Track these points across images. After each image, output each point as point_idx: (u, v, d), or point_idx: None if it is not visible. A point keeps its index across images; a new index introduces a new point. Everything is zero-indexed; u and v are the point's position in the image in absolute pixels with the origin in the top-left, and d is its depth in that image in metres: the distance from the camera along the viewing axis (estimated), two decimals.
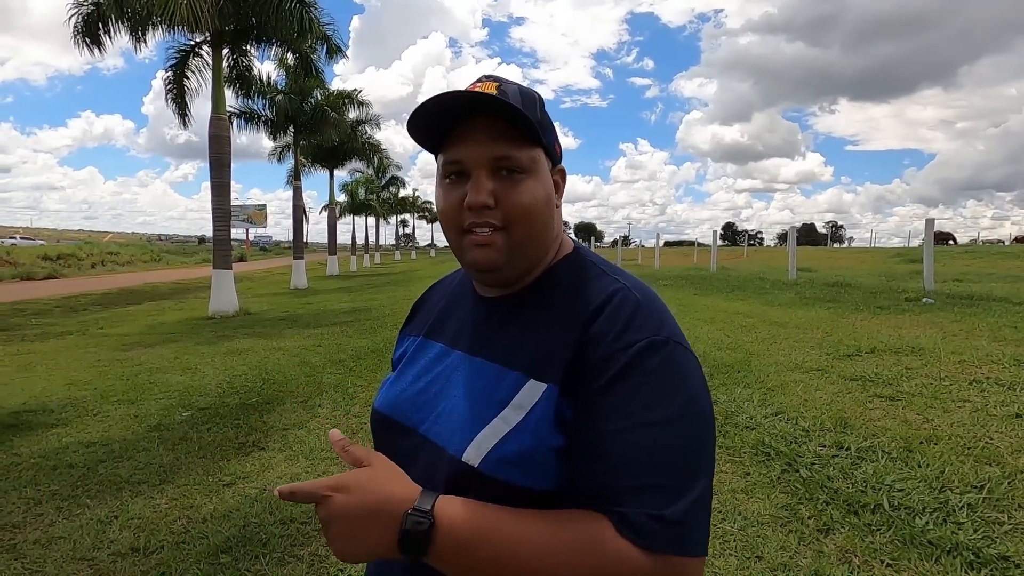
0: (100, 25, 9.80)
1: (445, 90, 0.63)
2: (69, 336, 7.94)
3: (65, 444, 3.39)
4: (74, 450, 3.28)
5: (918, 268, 10.31)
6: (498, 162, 0.61)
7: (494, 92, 0.62)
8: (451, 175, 0.63)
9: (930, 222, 8.82)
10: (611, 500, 0.52)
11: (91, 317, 10.28)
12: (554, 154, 0.66)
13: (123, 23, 9.69)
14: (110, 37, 10.01)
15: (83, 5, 9.68)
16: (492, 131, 0.61)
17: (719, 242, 17.73)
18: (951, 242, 38.01)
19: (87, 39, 9.91)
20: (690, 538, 0.52)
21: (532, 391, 0.59)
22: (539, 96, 0.66)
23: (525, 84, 0.66)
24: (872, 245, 51.45)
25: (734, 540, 2.15)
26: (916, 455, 2.68)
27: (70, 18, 9.69)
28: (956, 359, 4.17)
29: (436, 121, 0.62)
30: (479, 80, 0.65)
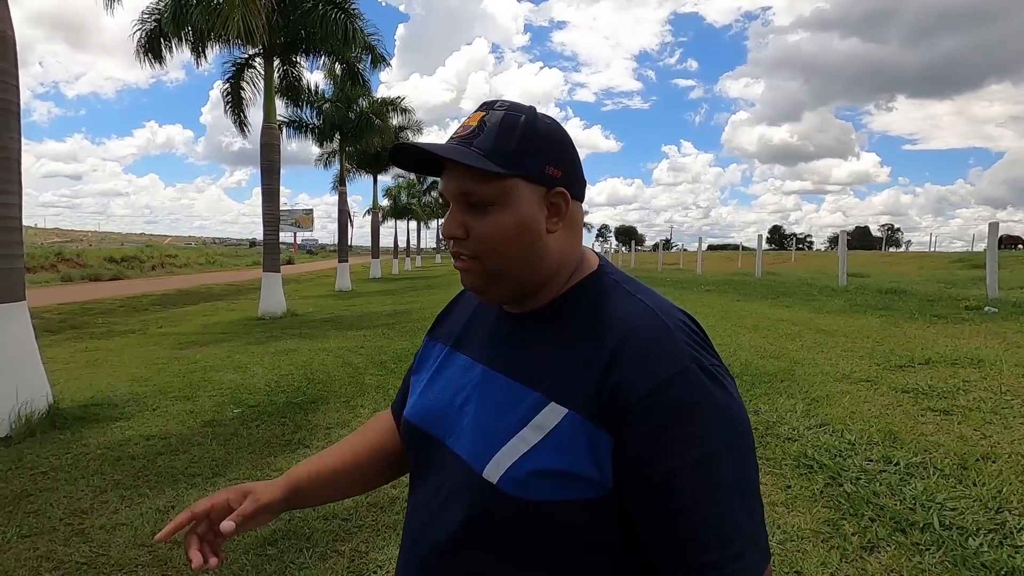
0: (161, 41, 10.40)
1: (413, 142, 0.68)
2: (132, 334, 8.44)
3: (128, 437, 3.62)
4: (135, 443, 3.50)
5: (981, 274, 9.74)
6: (464, 196, 0.65)
7: (475, 124, 0.64)
8: (444, 205, 0.68)
9: (994, 226, 8.33)
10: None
11: (151, 316, 10.88)
12: (545, 178, 0.64)
13: (183, 39, 10.24)
14: (170, 52, 10.61)
15: (146, 22, 10.30)
16: (458, 167, 0.64)
17: (765, 246, 17.22)
18: (1020, 246, 35.67)
19: (150, 54, 10.53)
20: (748, 567, 0.56)
21: (553, 414, 0.60)
22: (524, 122, 0.64)
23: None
24: (932, 249, 48.73)
25: (772, 554, 2.10)
26: (971, 473, 2.55)
27: (134, 34, 10.35)
28: (1019, 372, 3.94)
29: (422, 164, 0.68)
30: (476, 109, 0.67)
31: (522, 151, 0.63)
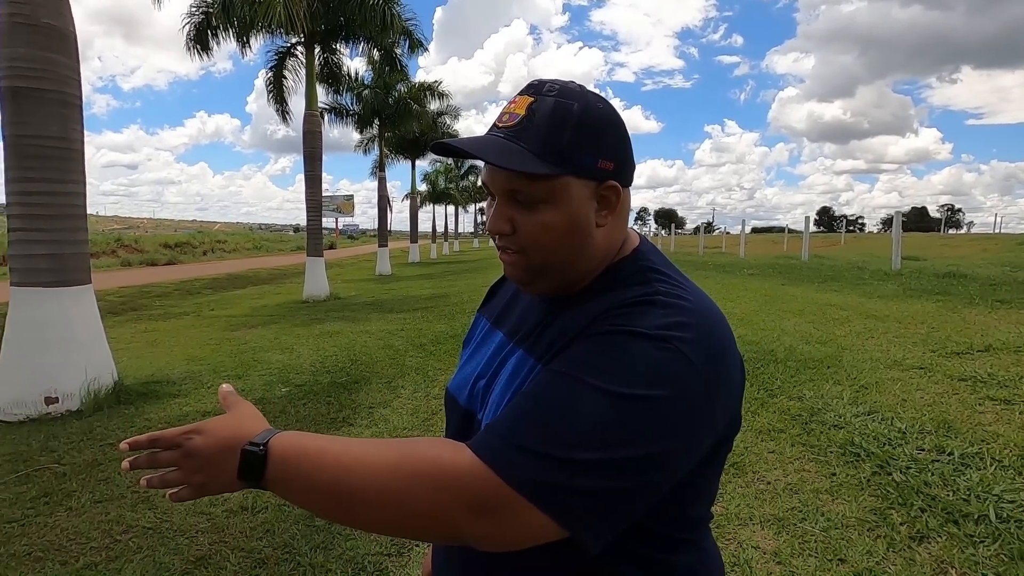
0: (209, 32, 10.72)
1: (456, 139, 0.64)
2: (186, 316, 8.86)
3: (185, 412, 3.83)
4: (192, 418, 3.70)
5: None
6: (511, 193, 0.63)
7: (522, 112, 0.61)
8: (488, 195, 0.67)
9: None
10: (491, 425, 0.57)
11: (204, 300, 11.39)
12: (597, 172, 0.62)
13: (229, 29, 10.53)
14: (217, 43, 10.94)
15: (195, 15, 10.63)
16: None
17: (813, 228, 16.58)
18: None
19: (198, 45, 10.87)
20: (517, 464, 0.52)
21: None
22: (576, 112, 0.61)
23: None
24: (997, 231, 45.93)
25: (815, 541, 2.07)
26: None
27: (184, 27, 10.70)
28: None
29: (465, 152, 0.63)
30: (522, 91, 0.64)
31: (574, 146, 0.60)
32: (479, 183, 0.67)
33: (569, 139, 0.60)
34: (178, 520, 2.39)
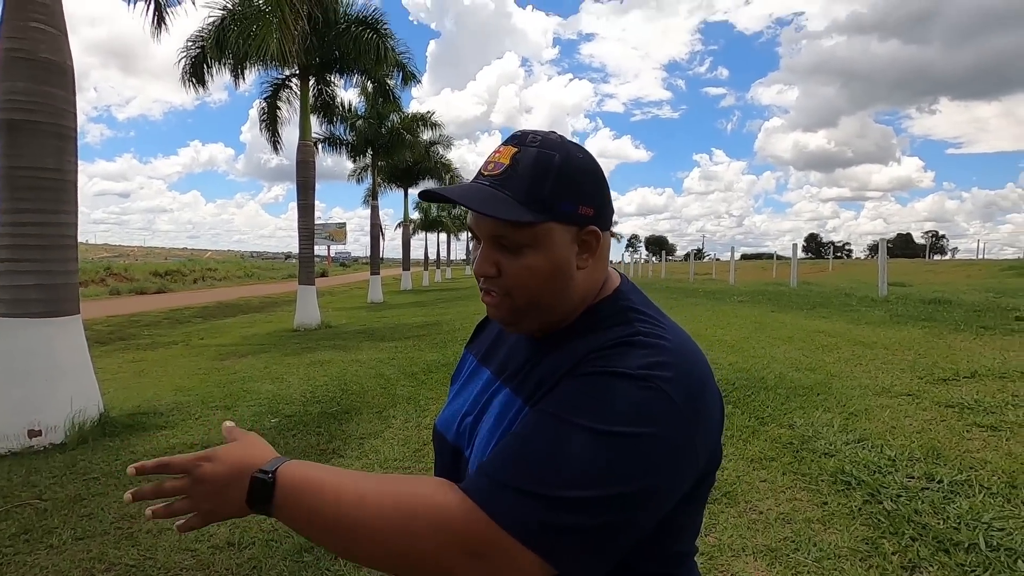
0: (204, 66, 10.89)
1: (444, 188, 0.69)
2: (175, 346, 8.77)
3: (172, 444, 3.77)
4: (180, 450, 3.64)
5: None
6: (498, 239, 0.66)
7: (506, 162, 0.65)
8: (473, 238, 0.70)
9: None
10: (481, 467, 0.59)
11: (193, 328, 11.29)
12: (578, 218, 0.65)
13: (224, 63, 10.70)
14: (212, 76, 11.11)
15: (190, 49, 10.81)
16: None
17: (801, 255, 16.79)
18: None
19: (194, 79, 11.03)
20: (508, 505, 0.53)
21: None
22: (558, 162, 0.64)
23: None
24: (980, 257, 46.79)
25: (808, 572, 2.06)
26: (1021, 492, 2.45)
27: (180, 61, 10.86)
28: None
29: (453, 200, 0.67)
30: (505, 142, 0.67)
31: (556, 195, 0.64)
32: (468, 226, 0.70)
33: (551, 188, 0.64)
34: (162, 557, 2.33)
